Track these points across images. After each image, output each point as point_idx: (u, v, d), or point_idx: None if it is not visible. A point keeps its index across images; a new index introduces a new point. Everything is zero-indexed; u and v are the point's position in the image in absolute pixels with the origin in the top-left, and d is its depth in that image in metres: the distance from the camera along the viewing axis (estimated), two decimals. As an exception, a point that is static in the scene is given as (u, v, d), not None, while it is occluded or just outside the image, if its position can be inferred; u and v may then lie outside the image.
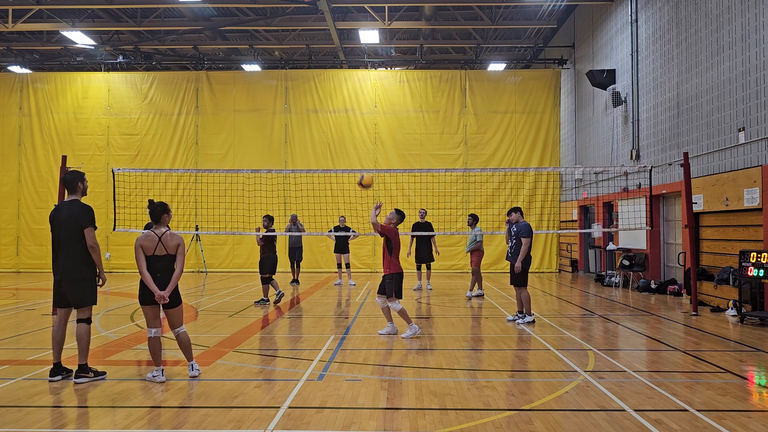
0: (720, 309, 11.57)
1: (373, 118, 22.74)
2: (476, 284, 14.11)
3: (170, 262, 6.45)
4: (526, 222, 10.48)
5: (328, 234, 16.95)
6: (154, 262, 6.36)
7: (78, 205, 6.60)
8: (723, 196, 11.85)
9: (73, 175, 6.76)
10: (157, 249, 6.36)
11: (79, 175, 6.77)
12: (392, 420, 5.17)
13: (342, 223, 17.15)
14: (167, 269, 6.41)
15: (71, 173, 6.81)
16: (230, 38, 23.85)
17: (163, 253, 6.38)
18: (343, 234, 16.79)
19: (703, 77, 12.76)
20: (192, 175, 22.23)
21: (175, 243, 6.46)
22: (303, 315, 11.38)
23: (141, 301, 6.41)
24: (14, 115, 23.14)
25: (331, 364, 7.23)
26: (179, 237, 6.52)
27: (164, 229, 6.46)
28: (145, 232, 6.42)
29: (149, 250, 6.34)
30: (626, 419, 5.15)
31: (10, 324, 10.18)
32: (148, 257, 6.35)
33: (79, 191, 6.73)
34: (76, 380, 6.36)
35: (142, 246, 6.33)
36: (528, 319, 10.23)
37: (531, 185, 22.43)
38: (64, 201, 6.71)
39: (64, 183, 6.75)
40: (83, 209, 6.57)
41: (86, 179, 6.94)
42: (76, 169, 7.06)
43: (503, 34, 23.86)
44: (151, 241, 6.35)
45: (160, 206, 6.50)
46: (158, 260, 6.37)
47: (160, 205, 6.51)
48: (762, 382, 6.54)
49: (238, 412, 5.38)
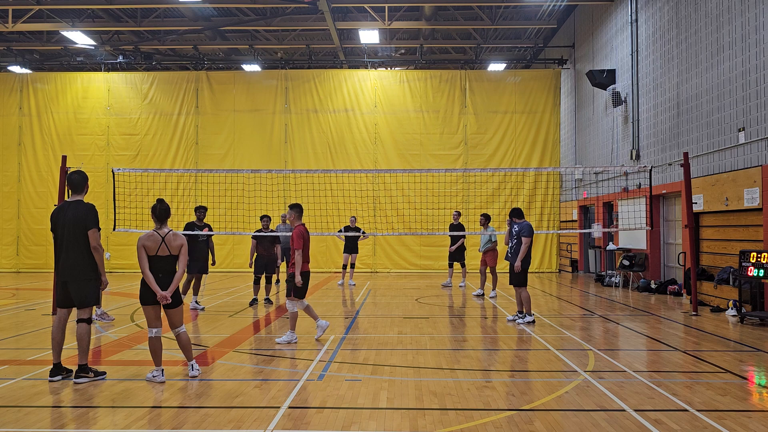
0: (720, 309, 11.57)
1: (373, 118, 22.74)
2: (484, 283, 14.55)
3: (172, 263, 6.44)
4: (528, 222, 10.49)
5: (337, 234, 16.67)
6: (157, 262, 6.34)
7: (83, 205, 6.60)
8: (723, 196, 11.85)
9: (81, 175, 6.79)
10: (160, 249, 6.35)
11: (86, 177, 6.81)
12: (392, 420, 5.17)
13: (353, 223, 16.94)
14: (169, 269, 6.40)
15: (79, 173, 6.81)
16: (230, 38, 23.85)
17: (165, 253, 6.37)
18: (354, 234, 16.56)
19: (703, 77, 12.76)
20: (192, 175, 22.23)
21: (179, 243, 6.46)
22: (303, 315, 11.37)
23: (142, 301, 6.39)
24: (14, 115, 23.13)
25: (331, 364, 7.23)
26: (182, 238, 6.53)
27: (167, 230, 6.46)
28: (148, 232, 6.41)
29: (152, 250, 6.33)
30: (626, 419, 5.15)
31: (10, 324, 10.18)
32: (150, 257, 6.33)
33: (83, 192, 6.77)
34: (76, 380, 6.35)
35: (144, 246, 6.31)
36: (528, 319, 10.23)
37: (531, 185, 22.43)
38: (68, 201, 6.71)
39: (72, 183, 6.74)
40: (89, 210, 6.57)
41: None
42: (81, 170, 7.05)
43: (503, 34, 23.86)
44: (154, 241, 6.34)
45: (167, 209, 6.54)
46: (161, 260, 6.36)
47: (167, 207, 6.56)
48: (762, 382, 6.53)
49: (238, 412, 5.38)
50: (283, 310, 11.94)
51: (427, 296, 14.35)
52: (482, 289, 14.43)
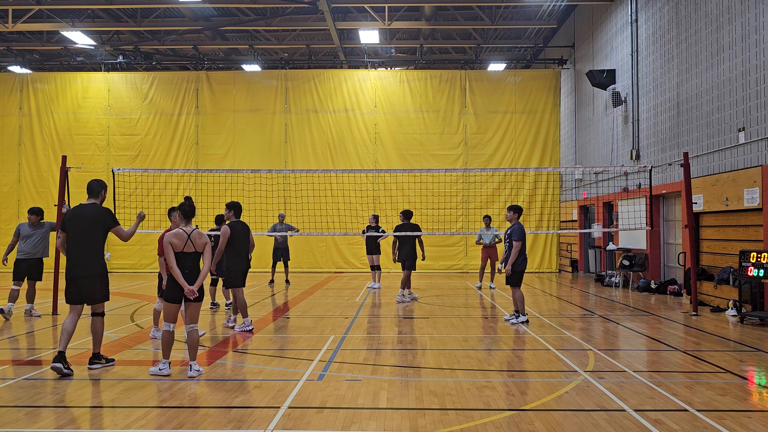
0: (720, 309, 11.57)
1: (373, 118, 22.74)
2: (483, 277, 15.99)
3: (196, 260, 6.74)
4: (520, 224, 10.40)
5: (361, 234, 16.06)
6: (182, 259, 6.63)
7: (100, 207, 7.05)
8: (723, 196, 11.85)
9: (100, 182, 7.20)
10: (186, 246, 6.63)
11: (104, 185, 7.23)
12: (392, 420, 5.17)
13: (372, 222, 16.05)
14: (194, 266, 6.69)
15: (98, 181, 7.23)
16: (230, 38, 23.85)
17: (191, 250, 6.67)
18: (373, 234, 15.72)
19: (703, 77, 12.76)
20: (192, 175, 22.22)
21: (203, 241, 6.78)
22: (303, 315, 11.38)
23: (168, 298, 6.63)
24: (14, 115, 23.13)
25: (331, 364, 7.23)
26: (206, 236, 6.87)
27: (192, 228, 6.75)
28: (175, 230, 6.72)
29: (178, 248, 6.61)
30: (626, 419, 5.15)
31: (10, 324, 10.18)
32: (176, 254, 6.60)
33: (100, 198, 7.14)
34: (90, 366, 6.87)
35: (171, 243, 6.60)
36: (522, 319, 10.22)
37: (531, 185, 22.43)
38: (84, 203, 7.10)
39: (88, 187, 7.13)
40: (106, 211, 7.04)
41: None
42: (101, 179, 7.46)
43: (503, 34, 23.86)
44: (180, 238, 6.64)
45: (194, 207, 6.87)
46: (186, 257, 6.65)
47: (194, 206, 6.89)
48: (762, 382, 6.54)
49: (238, 412, 5.38)
50: (280, 312, 11.93)
51: (426, 296, 14.35)
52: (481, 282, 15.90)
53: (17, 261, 10.85)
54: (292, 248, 18.15)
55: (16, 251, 10.93)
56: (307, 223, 18.37)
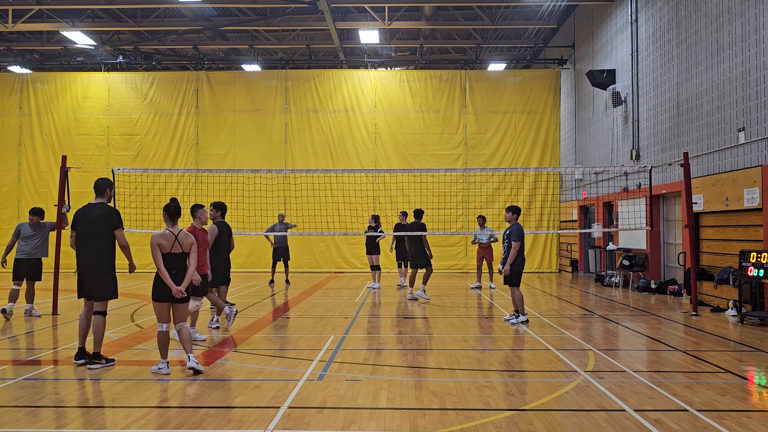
0: (720, 309, 11.57)
1: (373, 118, 22.74)
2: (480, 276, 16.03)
3: (184, 260, 6.80)
4: (519, 224, 10.39)
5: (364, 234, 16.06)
6: (170, 259, 6.68)
7: (106, 207, 7.23)
8: (723, 196, 11.85)
9: (106, 181, 7.36)
10: (173, 247, 6.70)
11: (110, 183, 7.38)
12: (392, 420, 5.17)
13: (371, 222, 16.07)
14: (181, 266, 6.75)
15: (104, 180, 7.40)
16: (230, 38, 23.85)
17: (178, 251, 6.74)
18: (372, 234, 15.78)
19: (703, 77, 12.76)
20: (192, 175, 22.21)
21: (190, 242, 6.87)
22: (303, 315, 11.38)
23: (155, 298, 6.68)
24: (14, 115, 23.13)
25: (331, 364, 7.23)
26: (192, 237, 6.94)
27: (179, 229, 6.83)
28: (162, 231, 6.77)
29: (165, 249, 6.67)
30: (626, 419, 5.15)
31: (10, 324, 10.18)
32: (164, 255, 6.66)
33: (106, 196, 7.28)
34: (90, 366, 6.94)
35: (159, 244, 6.66)
36: (522, 319, 10.22)
37: (531, 185, 22.43)
38: (92, 203, 7.27)
39: (95, 186, 7.32)
40: (112, 211, 7.22)
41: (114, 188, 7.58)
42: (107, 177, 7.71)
43: (503, 34, 23.86)
44: (168, 240, 6.70)
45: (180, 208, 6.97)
46: (174, 258, 6.71)
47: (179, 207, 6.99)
48: (762, 382, 6.54)
49: (238, 412, 5.38)
50: (280, 312, 11.94)
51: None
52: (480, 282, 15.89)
53: (17, 261, 10.85)
54: (292, 248, 18.15)
55: (15, 251, 10.93)
56: (307, 223, 18.40)
